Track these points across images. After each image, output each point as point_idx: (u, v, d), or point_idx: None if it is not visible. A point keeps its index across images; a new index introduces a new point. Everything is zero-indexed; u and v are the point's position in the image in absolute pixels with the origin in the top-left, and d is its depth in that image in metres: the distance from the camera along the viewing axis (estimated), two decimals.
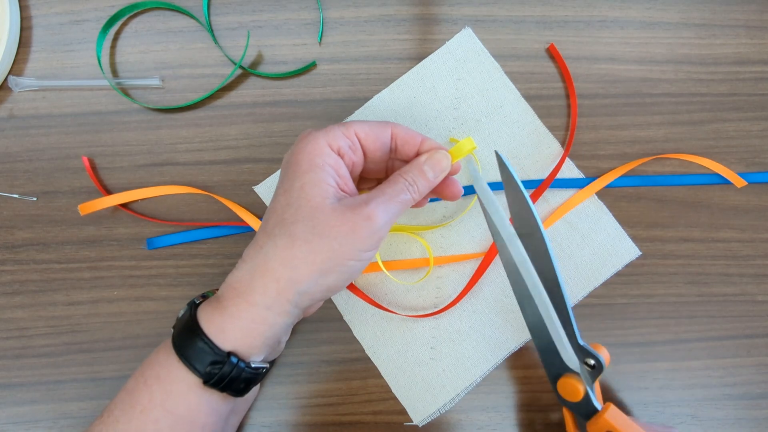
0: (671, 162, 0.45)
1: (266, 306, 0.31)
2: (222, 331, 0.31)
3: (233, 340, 0.31)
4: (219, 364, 0.31)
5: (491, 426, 0.42)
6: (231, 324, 0.31)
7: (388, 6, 0.45)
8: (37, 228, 0.43)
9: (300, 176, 0.32)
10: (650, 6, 0.46)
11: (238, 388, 0.32)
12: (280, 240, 0.31)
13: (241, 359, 0.31)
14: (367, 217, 0.31)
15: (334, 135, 0.33)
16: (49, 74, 0.45)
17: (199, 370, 0.31)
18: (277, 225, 0.32)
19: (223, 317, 0.31)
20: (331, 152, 0.32)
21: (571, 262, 0.43)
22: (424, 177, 0.34)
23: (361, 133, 0.34)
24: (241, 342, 0.31)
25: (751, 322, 0.44)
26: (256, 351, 0.32)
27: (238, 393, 0.33)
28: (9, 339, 0.42)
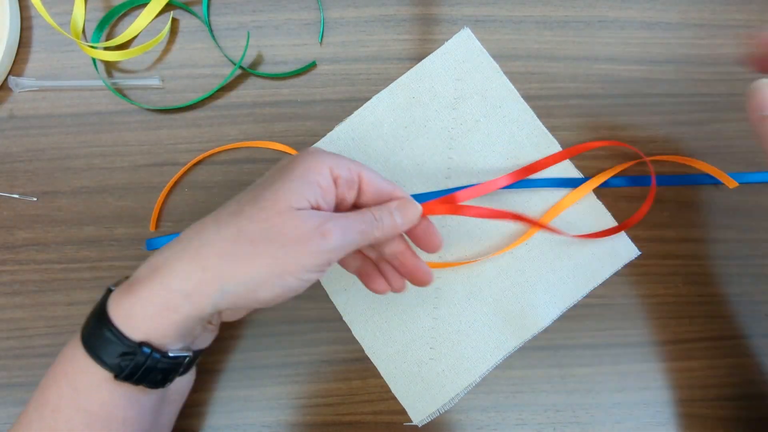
0: (671, 162, 0.45)
1: (184, 294, 0.28)
2: (130, 318, 0.28)
3: (144, 328, 0.28)
4: (130, 355, 0.28)
5: (491, 426, 0.42)
6: (140, 309, 0.28)
7: (388, 6, 0.45)
8: (37, 228, 0.43)
9: (284, 180, 0.30)
10: (650, 6, 0.46)
11: (155, 380, 0.30)
12: (227, 230, 0.29)
13: (155, 349, 0.29)
14: (322, 233, 0.29)
15: (339, 163, 0.31)
16: (49, 74, 0.45)
17: (108, 363, 0.28)
18: (232, 214, 0.30)
19: (132, 301, 0.28)
20: (329, 176, 0.31)
21: (571, 262, 0.43)
22: (391, 219, 0.32)
23: (365, 179, 0.32)
24: (153, 331, 0.28)
25: (751, 322, 0.43)
26: (170, 340, 0.29)
27: (156, 385, 0.30)
28: (9, 339, 0.43)
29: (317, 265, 0.29)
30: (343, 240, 0.30)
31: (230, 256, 0.28)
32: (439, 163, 0.44)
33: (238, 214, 0.30)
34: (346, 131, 0.44)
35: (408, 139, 0.44)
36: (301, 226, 0.29)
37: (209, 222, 0.30)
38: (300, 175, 0.30)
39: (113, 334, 0.28)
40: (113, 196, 0.44)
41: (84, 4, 0.45)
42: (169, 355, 0.30)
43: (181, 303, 0.28)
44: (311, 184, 0.30)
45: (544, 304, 0.43)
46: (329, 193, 0.31)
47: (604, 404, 0.42)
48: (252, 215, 0.29)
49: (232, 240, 0.29)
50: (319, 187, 0.30)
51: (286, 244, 0.29)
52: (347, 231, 0.30)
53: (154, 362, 0.29)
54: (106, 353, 0.29)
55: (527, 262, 0.43)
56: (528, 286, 0.43)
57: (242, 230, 0.29)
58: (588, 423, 0.42)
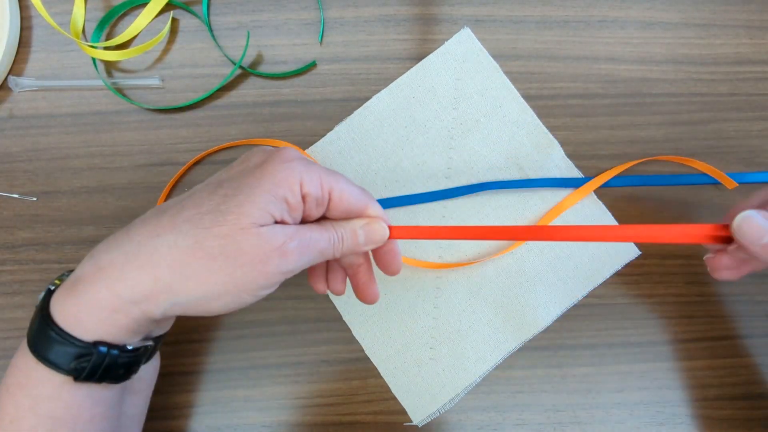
0: (671, 162, 0.45)
1: (133, 301, 0.27)
2: (78, 321, 0.27)
3: (94, 330, 0.27)
4: (86, 356, 0.27)
5: (491, 426, 0.42)
6: (87, 313, 0.27)
7: (388, 6, 0.45)
8: (37, 228, 0.43)
9: (250, 193, 0.28)
10: (650, 6, 0.46)
11: (118, 375, 0.29)
12: (183, 240, 0.27)
13: (112, 346, 0.28)
14: (282, 253, 0.28)
15: (310, 177, 0.29)
16: (49, 74, 0.45)
17: (64, 367, 0.27)
18: (190, 222, 0.28)
19: (77, 303, 0.27)
20: (298, 193, 0.29)
21: (570, 262, 0.43)
22: (354, 238, 0.31)
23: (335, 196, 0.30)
24: (104, 332, 0.27)
25: (751, 322, 0.43)
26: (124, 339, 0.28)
27: (119, 379, 0.29)
28: (9, 339, 0.42)
29: (273, 283, 0.28)
30: (300, 260, 0.29)
31: (185, 270, 0.27)
32: (439, 162, 0.44)
33: (196, 224, 0.27)
34: (346, 131, 0.44)
35: (408, 138, 0.44)
36: (262, 245, 0.27)
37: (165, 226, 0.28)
38: (268, 190, 0.28)
39: (62, 337, 0.27)
40: (113, 196, 0.44)
41: (84, 4, 0.45)
42: (128, 348, 0.29)
43: (129, 308, 0.27)
44: (279, 200, 0.28)
45: (544, 304, 0.43)
46: (296, 210, 0.29)
47: (604, 404, 0.42)
48: (212, 228, 0.27)
49: (188, 253, 0.27)
50: (287, 204, 0.28)
51: (245, 264, 0.27)
52: (305, 251, 0.29)
53: (114, 358, 0.28)
54: (60, 357, 0.27)
55: (527, 262, 0.43)
56: (528, 286, 0.43)
57: (200, 243, 0.27)
58: (588, 423, 0.42)
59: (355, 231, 0.31)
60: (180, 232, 0.27)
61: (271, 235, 0.28)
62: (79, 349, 0.27)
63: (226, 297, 0.28)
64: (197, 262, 0.27)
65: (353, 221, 0.31)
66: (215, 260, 0.27)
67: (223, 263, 0.27)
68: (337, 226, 0.31)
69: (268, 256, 0.27)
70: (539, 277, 0.43)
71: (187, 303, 0.28)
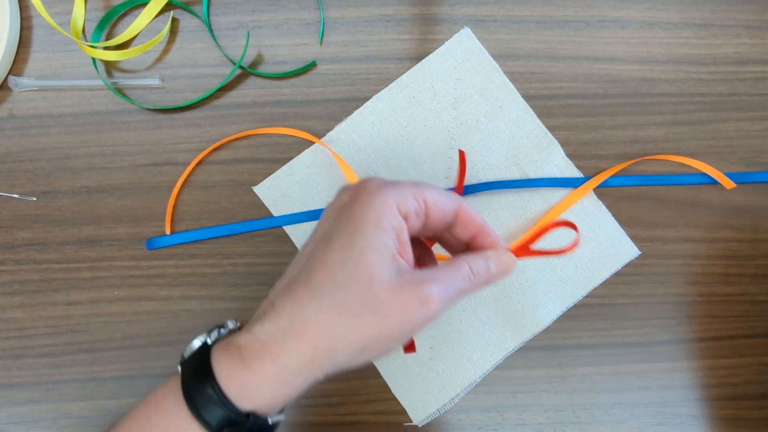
0: (671, 162, 0.45)
1: (296, 371, 0.29)
2: (244, 392, 0.29)
3: (255, 401, 0.29)
4: (236, 425, 0.29)
5: (491, 426, 0.42)
6: (254, 385, 0.29)
7: (388, 6, 0.45)
8: (37, 228, 0.43)
9: (363, 236, 0.28)
10: (650, 6, 0.46)
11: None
12: (326, 305, 0.28)
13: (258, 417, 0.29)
14: (425, 301, 0.28)
15: (404, 196, 0.30)
16: (49, 74, 0.45)
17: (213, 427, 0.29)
18: (327, 285, 0.29)
19: (246, 377, 0.29)
20: (398, 215, 0.29)
21: (570, 262, 0.43)
22: (487, 273, 0.31)
23: (430, 200, 0.31)
24: (263, 403, 0.29)
25: (751, 322, 0.43)
26: (276, 410, 0.30)
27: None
28: (9, 339, 0.42)
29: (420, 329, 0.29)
30: (443, 303, 0.29)
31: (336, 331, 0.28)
32: (439, 163, 0.44)
33: (333, 284, 0.28)
34: (346, 131, 0.44)
35: (408, 139, 0.44)
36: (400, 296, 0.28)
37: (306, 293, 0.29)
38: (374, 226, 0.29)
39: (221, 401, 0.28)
40: (113, 196, 0.44)
41: (84, 4, 0.45)
42: (268, 422, 0.30)
43: (293, 378, 0.29)
44: (387, 231, 0.29)
45: (544, 304, 0.43)
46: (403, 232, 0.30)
47: (604, 404, 0.42)
48: (348, 285, 0.28)
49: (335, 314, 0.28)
50: (394, 230, 0.29)
51: (388, 316, 0.28)
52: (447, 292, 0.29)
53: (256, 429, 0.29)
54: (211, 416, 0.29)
55: (527, 262, 0.43)
56: (528, 286, 0.43)
57: (343, 303, 0.28)
58: (588, 423, 0.42)
59: (487, 263, 0.31)
60: (321, 297, 0.28)
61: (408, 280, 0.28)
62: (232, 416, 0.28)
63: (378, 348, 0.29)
64: (345, 322, 0.28)
65: (484, 253, 0.32)
66: (361, 317, 0.28)
67: (370, 319, 0.28)
68: (470, 261, 0.31)
69: (410, 306, 0.28)
70: (539, 277, 0.43)
71: (344, 362, 0.29)
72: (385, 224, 0.29)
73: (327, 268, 0.29)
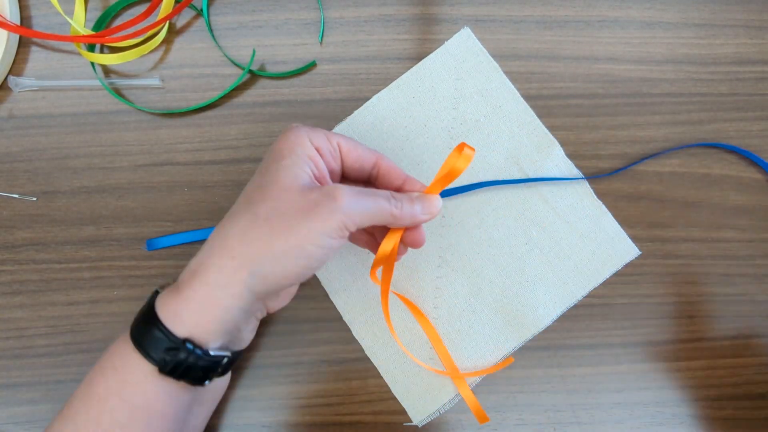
0: (671, 162, 0.45)
1: (220, 285, 0.30)
2: (176, 316, 0.30)
3: (188, 325, 0.30)
4: (174, 350, 0.30)
5: (491, 426, 0.42)
6: (185, 307, 0.30)
7: (388, 6, 0.45)
8: (37, 228, 0.43)
9: (277, 161, 0.32)
10: (650, 6, 0.46)
11: (196, 377, 0.32)
12: (242, 218, 0.31)
13: (197, 346, 0.31)
14: (331, 196, 0.30)
15: (317, 134, 0.33)
16: (49, 74, 0.45)
17: (154, 357, 0.30)
18: (243, 204, 0.32)
19: (178, 301, 0.31)
20: (311, 146, 0.32)
21: (570, 262, 0.43)
22: (410, 206, 0.33)
23: (343, 146, 0.34)
24: (196, 327, 0.30)
25: (751, 322, 0.43)
26: (213, 337, 0.31)
27: (196, 381, 0.32)
28: (9, 339, 0.42)
29: (332, 229, 0.30)
30: (355, 204, 0.30)
31: (250, 239, 0.30)
32: (439, 162, 0.44)
33: (248, 202, 0.31)
34: (346, 131, 0.44)
35: (408, 138, 0.44)
36: (308, 194, 0.30)
37: (226, 218, 0.32)
38: (288, 152, 0.32)
39: (160, 330, 0.30)
40: (113, 196, 0.44)
41: (84, 6, 0.45)
42: (209, 353, 0.31)
43: (219, 295, 0.30)
44: (300, 156, 0.32)
45: (544, 304, 0.43)
46: (319, 161, 0.33)
47: (604, 404, 0.42)
48: (261, 198, 0.31)
49: (248, 224, 0.30)
50: (309, 158, 0.32)
51: (297, 214, 0.30)
52: (360, 198, 0.31)
53: (196, 359, 0.31)
54: (153, 349, 0.30)
55: (527, 262, 0.43)
56: (528, 286, 0.43)
57: (256, 213, 0.31)
58: (588, 423, 0.42)
59: (411, 199, 0.33)
60: (238, 213, 0.32)
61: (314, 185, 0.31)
62: (170, 343, 0.30)
63: (293, 252, 0.30)
64: (258, 229, 0.30)
65: (408, 193, 0.34)
66: (271, 222, 0.30)
67: (279, 220, 0.30)
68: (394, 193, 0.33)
69: (317, 202, 0.30)
70: (539, 277, 0.43)
71: (264, 272, 0.30)
72: (299, 150, 0.32)
73: (246, 194, 0.33)
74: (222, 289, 0.30)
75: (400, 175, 0.35)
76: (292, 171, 0.31)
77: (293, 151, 0.32)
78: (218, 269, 0.30)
